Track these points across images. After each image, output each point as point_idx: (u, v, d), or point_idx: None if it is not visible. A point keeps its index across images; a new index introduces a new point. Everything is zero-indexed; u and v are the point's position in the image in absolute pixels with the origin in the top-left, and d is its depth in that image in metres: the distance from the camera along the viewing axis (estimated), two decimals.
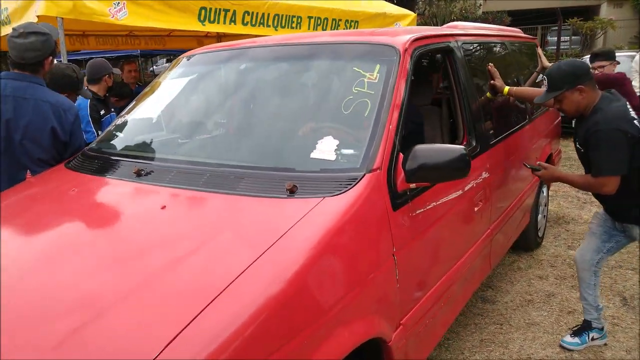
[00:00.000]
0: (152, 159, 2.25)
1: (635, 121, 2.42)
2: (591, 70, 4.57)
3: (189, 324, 1.23)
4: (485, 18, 19.28)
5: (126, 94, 5.20)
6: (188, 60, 2.88)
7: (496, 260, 3.18)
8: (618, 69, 8.00)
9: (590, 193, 5.94)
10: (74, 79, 3.35)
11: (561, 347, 2.87)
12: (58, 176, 2.37)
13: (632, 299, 3.41)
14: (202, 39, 10.77)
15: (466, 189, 2.49)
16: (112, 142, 2.59)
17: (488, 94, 3.06)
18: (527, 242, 4.13)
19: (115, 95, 5.08)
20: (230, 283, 1.35)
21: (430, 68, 3.49)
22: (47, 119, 2.56)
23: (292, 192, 1.74)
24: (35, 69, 2.62)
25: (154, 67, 20.25)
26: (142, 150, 2.39)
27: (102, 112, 4.24)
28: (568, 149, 8.30)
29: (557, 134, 4.78)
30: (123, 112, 2.84)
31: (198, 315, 1.26)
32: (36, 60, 2.60)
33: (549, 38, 21.35)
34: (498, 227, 3.03)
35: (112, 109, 4.48)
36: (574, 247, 4.25)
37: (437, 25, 17.15)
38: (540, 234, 4.35)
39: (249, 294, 1.35)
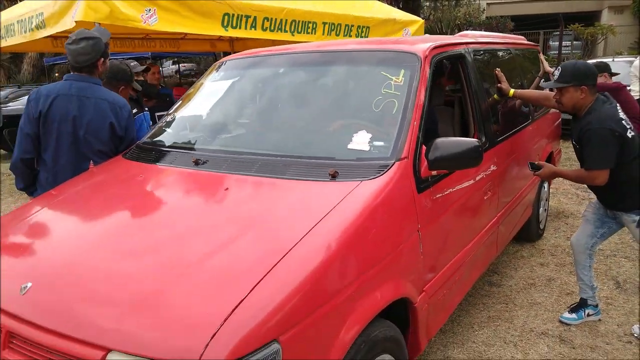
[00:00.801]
0: (204, 150, 2.60)
1: (623, 121, 2.74)
2: None
3: (262, 279, 1.56)
4: (489, 23, 19.59)
5: (154, 94, 5.56)
6: (227, 64, 3.23)
7: (501, 246, 3.52)
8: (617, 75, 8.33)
9: (588, 189, 6.29)
10: (127, 73, 3.69)
11: (560, 322, 3.21)
12: (121, 165, 2.72)
13: (624, 282, 3.75)
14: (215, 42, 11.12)
15: (477, 179, 2.83)
16: (164, 136, 2.92)
17: (495, 96, 3.40)
18: (530, 233, 4.47)
19: (144, 96, 5.43)
20: (295, 245, 1.69)
21: (443, 72, 3.83)
22: (106, 116, 2.89)
23: (334, 176, 2.08)
24: (91, 70, 2.94)
25: (162, 68, 20.62)
26: (194, 143, 2.74)
27: (135, 110, 4.58)
28: (569, 150, 8.63)
29: (558, 135, 5.12)
30: (171, 110, 3.18)
31: (271, 269, 1.59)
32: (89, 63, 2.91)
33: (551, 43, 21.63)
34: (504, 216, 3.36)
35: (145, 108, 4.83)
36: None
37: (442, 30, 17.53)
38: (541, 226, 4.69)
39: (310, 254, 1.69)
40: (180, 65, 24.37)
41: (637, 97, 6.68)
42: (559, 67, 2.87)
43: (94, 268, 1.79)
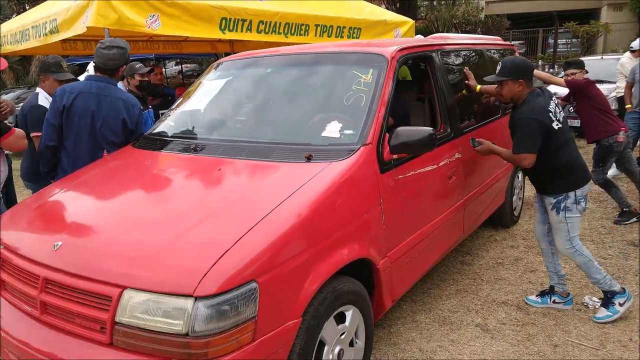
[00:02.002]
0: (202, 139, 3.02)
1: (550, 113, 3.05)
2: (564, 75, 5.29)
3: (244, 235, 1.97)
4: (485, 22, 19.90)
5: (158, 93, 5.98)
6: (223, 65, 3.66)
7: (469, 226, 3.91)
8: (607, 70, 8.60)
9: None
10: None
11: (525, 302, 3.51)
12: (131, 153, 3.14)
13: None
14: (216, 43, 11.53)
15: (440, 164, 3.24)
16: (167, 128, 3.35)
17: (464, 91, 3.80)
18: (504, 219, 4.86)
19: (150, 95, 5.86)
20: (271, 211, 2.11)
21: (416, 72, 4.23)
22: (119, 112, 3.32)
23: (309, 159, 2.50)
24: (113, 74, 3.40)
25: (165, 69, 21.06)
26: (193, 133, 3.17)
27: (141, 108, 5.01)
28: None
29: None
30: (173, 106, 3.61)
31: (251, 228, 2.01)
32: (114, 67, 3.38)
33: (550, 41, 21.92)
34: (471, 199, 3.76)
35: (150, 106, 5.25)
36: None
37: (438, 29, 17.85)
38: (516, 213, 5.08)
39: (284, 218, 2.10)
40: (182, 66, 24.85)
41: (622, 94, 7.01)
42: (500, 62, 3.22)
43: (110, 231, 2.22)
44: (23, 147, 3.18)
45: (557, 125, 3.07)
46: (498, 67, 3.23)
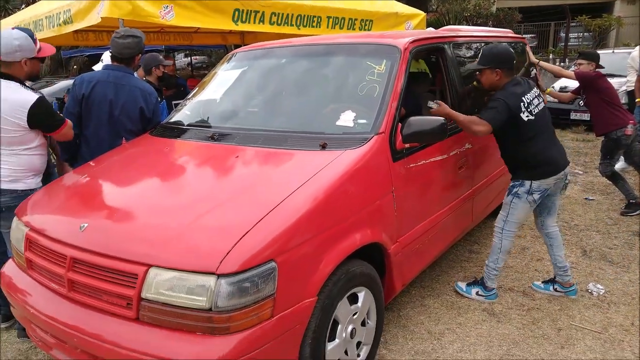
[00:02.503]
0: (218, 127, 3.11)
1: (522, 103, 3.08)
2: (574, 65, 5.31)
3: (263, 218, 2.07)
4: (497, 15, 19.78)
5: (172, 84, 6.09)
6: (237, 56, 3.75)
7: (478, 216, 3.99)
8: (618, 64, 8.58)
9: (573, 173, 6.70)
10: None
11: (531, 287, 3.61)
12: (149, 141, 3.25)
13: (590, 251, 4.21)
14: (227, 35, 11.60)
15: (451, 154, 3.31)
16: (184, 117, 3.44)
17: (474, 83, 3.85)
18: None
19: (164, 86, 5.96)
20: (289, 195, 2.20)
21: (428, 65, 4.30)
22: (137, 101, 3.42)
23: (323, 147, 2.58)
24: (129, 62, 3.50)
25: (175, 61, 21.11)
26: (210, 122, 3.26)
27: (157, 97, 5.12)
28: (565, 139, 9.06)
29: None
30: (188, 96, 3.70)
31: (270, 212, 2.10)
32: (130, 56, 3.48)
33: (561, 35, 21.75)
34: (480, 189, 3.83)
35: (163, 97, 5.36)
36: None
37: (449, 22, 17.80)
38: None
39: (300, 202, 2.19)
40: (192, 57, 24.96)
41: (632, 88, 7.01)
42: (481, 50, 3.27)
43: (134, 213, 2.33)
44: (72, 136, 3.27)
45: (527, 116, 3.11)
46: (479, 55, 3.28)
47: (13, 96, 2.89)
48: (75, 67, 22.04)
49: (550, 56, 17.50)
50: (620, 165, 6.27)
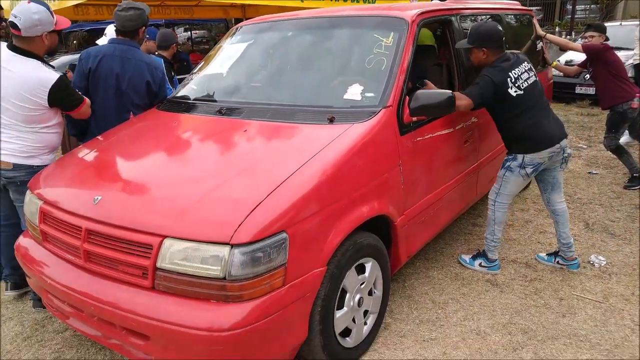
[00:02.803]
0: (226, 101, 3.13)
1: (509, 79, 3.10)
2: (582, 38, 5.29)
3: (274, 190, 2.11)
4: None
5: (177, 59, 6.08)
6: (242, 29, 3.74)
7: (482, 189, 4.03)
8: (625, 37, 8.47)
9: (578, 147, 6.71)
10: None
11: (535, 258, 3.67)
12: (157, 115, 3.27)
13: (593, 224, 4.26)
14: (228, 9, 11.48)
15: (457, 127, 3.34)
16: (191, 92, 3.46)
17: None
18: None
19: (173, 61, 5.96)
20: (298, 169, 2.24)
21: (435, 38, 4.27)
22: (143, 75, 3.43)
23: (331, 120, 2.61)
24: (133, 35, 3.50)
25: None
26: (217, 96, 3.28)
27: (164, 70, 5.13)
28: (570, 114, 9.03)
29: (548, 95, 5.51)
30: (194, 70, 3.71)
31: (280, 184, 2.14)
32: (133, 29, 3.47)
33: (568, 7, 21.39)
34: (485, 163, 3.86)
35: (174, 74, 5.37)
36: None
37: None
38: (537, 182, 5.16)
39: (310, 175, 2.23)
40: (192, 32, 24.70)
41: (638, 62, 6.96)
42: (469, 29, 3.28)
43: (146, 186, 2.38)
44: (89, 114, 3.30)
45: (515, 91, 3.13)
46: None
47: (35, 74, 2.90)
48: (74, 42, 21.85)
49: (557, 29, 17.26)
50: (624, 139, 6.29)
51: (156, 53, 4.86)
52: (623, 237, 3.98)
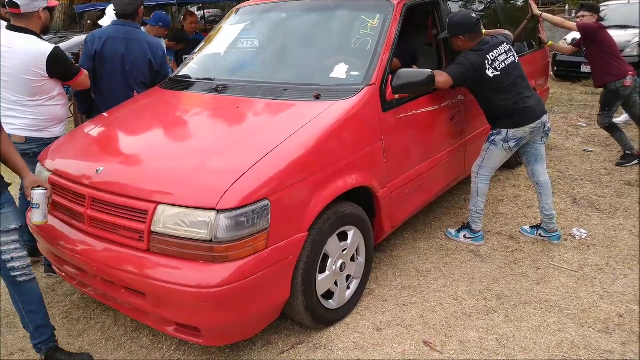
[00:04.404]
0: (221, 80, 3.31)
1: (487, 61, 3.24)
2: (575, 18, 5.35)
3: (258, 161, 2.30)
4: None
5: (182, 39, 6.23)
6: (241, 10, 3.90)
7: (470, 165, 4.17)
8: (633, 16, 8.40)
9: (576, 126, 6.78)
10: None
11: (519, 231, 3.84)
12: (159, 93, 3.47)
13: (580, 199, 4.39)
14: None
15: (443, 105, 3.48)
16: (191, 71, 3.64)
17: None
18: (507, 161, 5.08)
19: (173, 40, 6.12)
20: (283, 141, 2.42)
21: (424, 17, 4.39)
22: (146, 54, 3.62)
23: (317, 98, 2.78)
24: (134, 16, 3.69)
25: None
26: (214, 75, 3.46)
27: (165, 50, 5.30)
28: (574, 92, 9.05)
29: (544, 73, 5.59)
30: (196, 50, 3.89)
31: (265, 155, 2.33)
32: (134, 10, 3.65)
33: None
34: (473, 140, 4.01)
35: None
36: (550, 167, 5.18)
37: None
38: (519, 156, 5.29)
39: (293, 147, 2.42)
40: (205, 11, 24.72)
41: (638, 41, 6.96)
42: (447, 20, 3.42)
43: (144, 158, 2.59)
44: (88, 85, 3.47)
45: (492, 73, 3.27)
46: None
47: (33, 47, 3.10)
48: (89, 22, 22.03)
49: (567, 7, 17.02)
50: (622, 118, 6.36)
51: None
52: (607, 211, 4.12)
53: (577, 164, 5.33)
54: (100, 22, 4.99)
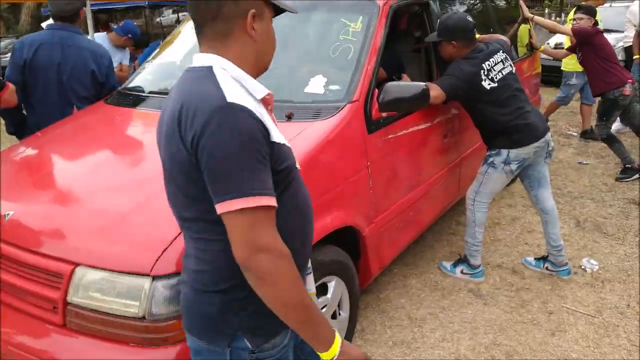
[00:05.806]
0: None
1: (482, 71, 2.79)
2: (572, 20, 4.97)
3: None
4: None
5: (141, 44, 5.65)
6: None
7: (465, 186, 3.71)
8: (615, 19, 8.17)
9: (568, 136, 6.43)
10: None
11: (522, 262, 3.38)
12: (102, 110, 2.90)
13: (584, 221, 3.97)
14: None
15: (435, 121, 3.00)
16: (142, 82, 3.09)
17: None
18: None
19: (134, 45, 5.54)
20: None
21: (411, 20, 3.92)
22: (87, 64, 3.06)
23: (289, 117, 2.26)
24: (73, 19, 3.12)
25: (161, 18, 20.22)
26: (168, 88, 2.91)
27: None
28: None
29: (535, 83, 5.16)
30: (149, 58, 3.33)
31: None
32: (73, 11, 3.09)
33: None
34: (467, 158, 3.54)
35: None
36: None
37: None
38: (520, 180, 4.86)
39: None
40: (180, 14, 24.00)
41: (629, 44, 6.66)
42: (439, 21, 2.96)
43: (68, 198, 2.04)
44: (15, 102, 2.93)
45: (488, 84, 2.82)
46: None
47: None
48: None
49: (546, 10, 16.94)
50: (615, 126, 6.00)
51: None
52: (616, 236, 3.70)
53: (574, 178, 4.93)
54: (44, 25, 4.40)
